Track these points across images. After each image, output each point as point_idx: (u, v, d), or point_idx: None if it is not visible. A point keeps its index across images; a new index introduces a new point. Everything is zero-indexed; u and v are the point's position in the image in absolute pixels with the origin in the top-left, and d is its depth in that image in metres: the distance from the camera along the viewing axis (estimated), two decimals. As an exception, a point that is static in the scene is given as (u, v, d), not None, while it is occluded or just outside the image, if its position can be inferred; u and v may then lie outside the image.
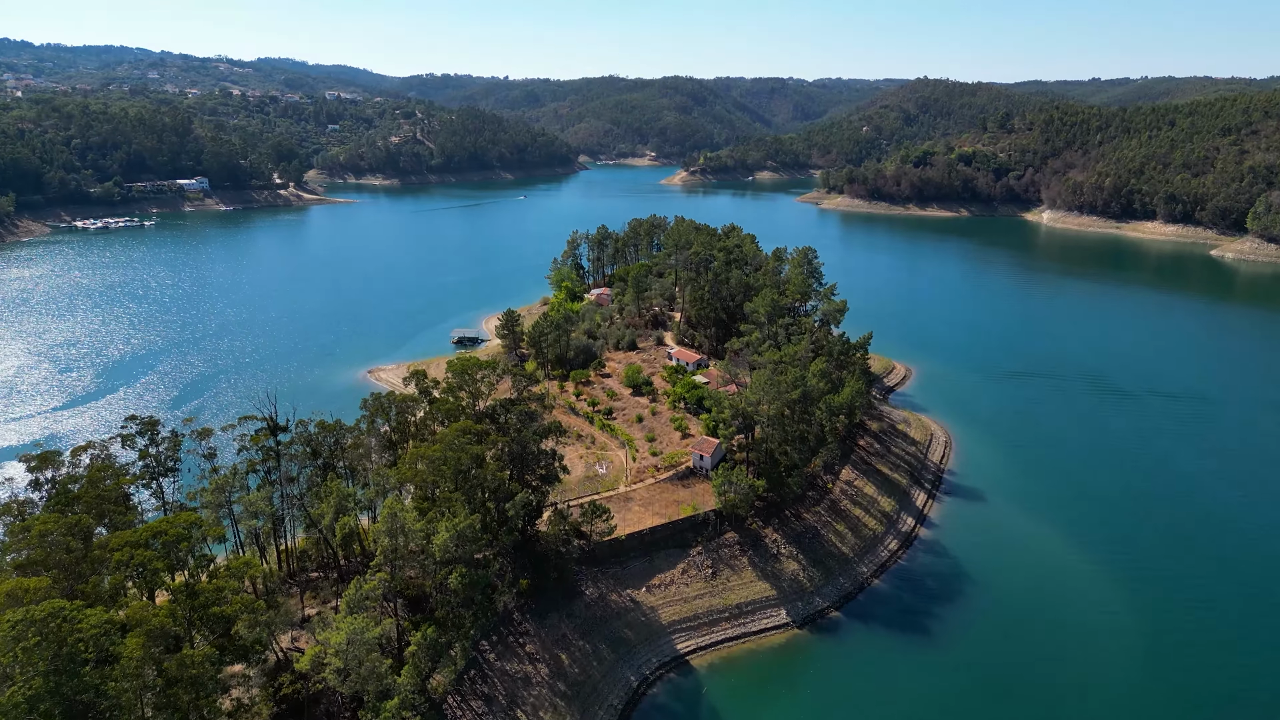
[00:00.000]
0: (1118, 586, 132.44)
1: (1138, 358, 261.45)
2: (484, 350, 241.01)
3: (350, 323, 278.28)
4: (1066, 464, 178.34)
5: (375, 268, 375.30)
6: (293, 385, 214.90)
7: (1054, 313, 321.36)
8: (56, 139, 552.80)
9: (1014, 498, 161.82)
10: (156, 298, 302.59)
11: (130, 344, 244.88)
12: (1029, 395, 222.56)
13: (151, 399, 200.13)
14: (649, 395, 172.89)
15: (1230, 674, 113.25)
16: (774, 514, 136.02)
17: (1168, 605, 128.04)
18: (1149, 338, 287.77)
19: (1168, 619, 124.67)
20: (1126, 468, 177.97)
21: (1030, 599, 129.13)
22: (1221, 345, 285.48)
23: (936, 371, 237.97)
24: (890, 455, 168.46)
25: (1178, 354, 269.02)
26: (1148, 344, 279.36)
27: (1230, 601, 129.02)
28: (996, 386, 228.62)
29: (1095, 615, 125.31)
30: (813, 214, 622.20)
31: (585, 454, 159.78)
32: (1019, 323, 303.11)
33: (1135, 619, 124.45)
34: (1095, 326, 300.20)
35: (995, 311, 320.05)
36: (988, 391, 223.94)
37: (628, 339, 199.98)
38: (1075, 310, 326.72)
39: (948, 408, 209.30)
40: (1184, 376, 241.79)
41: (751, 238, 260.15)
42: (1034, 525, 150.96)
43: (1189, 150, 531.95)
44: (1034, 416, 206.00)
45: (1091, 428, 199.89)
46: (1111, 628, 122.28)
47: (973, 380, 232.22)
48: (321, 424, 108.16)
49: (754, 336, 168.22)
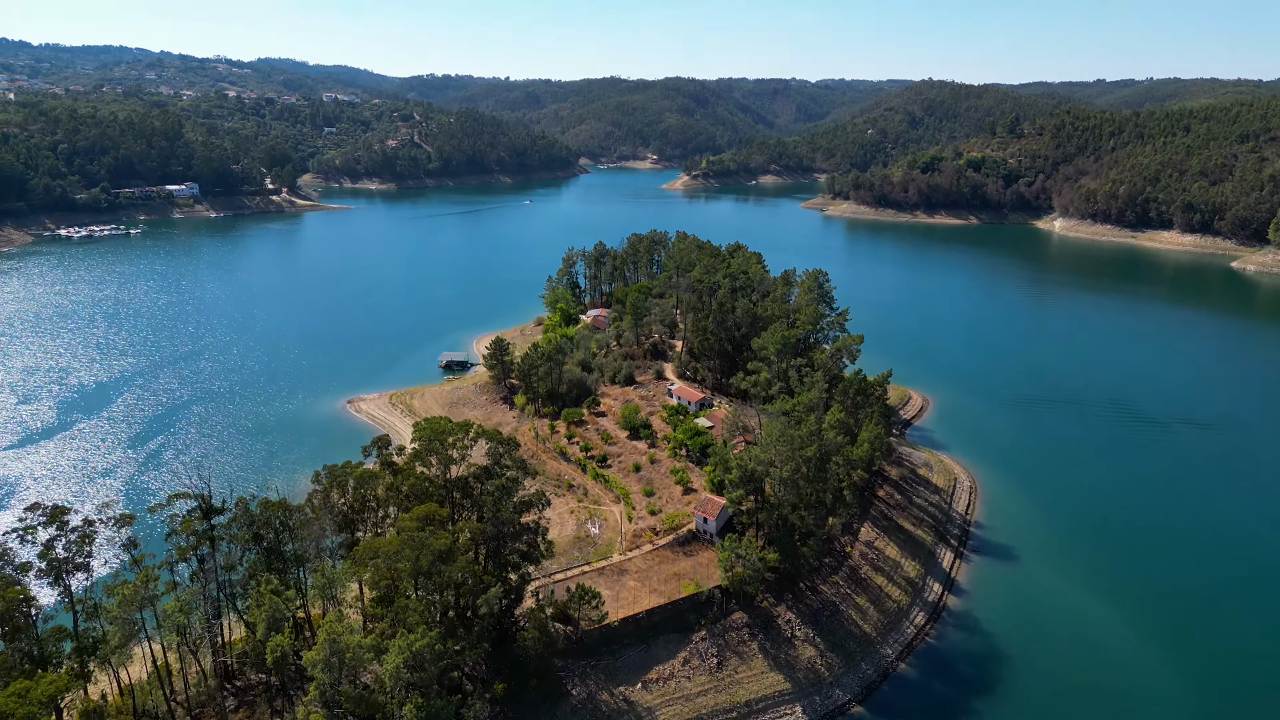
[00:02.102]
0: (1169, 656, 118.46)
1: (1163, 381, 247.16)
2: (472, 377, 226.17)
3: (334, 344, 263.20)
4: (1099, 509, 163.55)
5: (364, 281, 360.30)
6: (268, 418, 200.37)
7: (1072, 330, 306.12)
8: (43, 144, 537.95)
9: (1046, 553, 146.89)
10: (132, 316, 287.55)
11: (97, 370, 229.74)
12: (1051, 426, 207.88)
13: (109, 438, 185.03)
14: (647, 439, 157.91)
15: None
16: (787, 588, 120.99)
17: (1226, 675, 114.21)
18: (1174, 358, 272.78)
19: (1228, 693, 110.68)
20: (1166, 511, 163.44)
21: (1073, 677, 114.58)
22: (1250, 367, 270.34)
23: (954, 401, 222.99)
24: (912, 507, 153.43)
25: (1205, 377, 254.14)
26: (1173, 365, 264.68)
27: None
28: (1017, 417, 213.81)
29: (1145, 691, 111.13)
30: (818, 221, 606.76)
31: (577, 508, 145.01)
32: (1036, 342, 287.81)
33: (1194, 696, 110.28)
34: (1116, 345, 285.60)
35: (1011, 330, 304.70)
36: (1009, 423, 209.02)
37: (625, 372, 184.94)
38: (1094, 327, 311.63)
39: (969, 444, 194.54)
40: (1215, 403, 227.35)
41: (757, 257, 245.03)
42: (1070, 586, 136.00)
43: (1206, 157, 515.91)
44: (1059, 452, 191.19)
45: (1122, 464, 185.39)
46: (1166, 708, 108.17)
47: (993, 411, 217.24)
48: (265, 503, 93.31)
49: (762, 376, 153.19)
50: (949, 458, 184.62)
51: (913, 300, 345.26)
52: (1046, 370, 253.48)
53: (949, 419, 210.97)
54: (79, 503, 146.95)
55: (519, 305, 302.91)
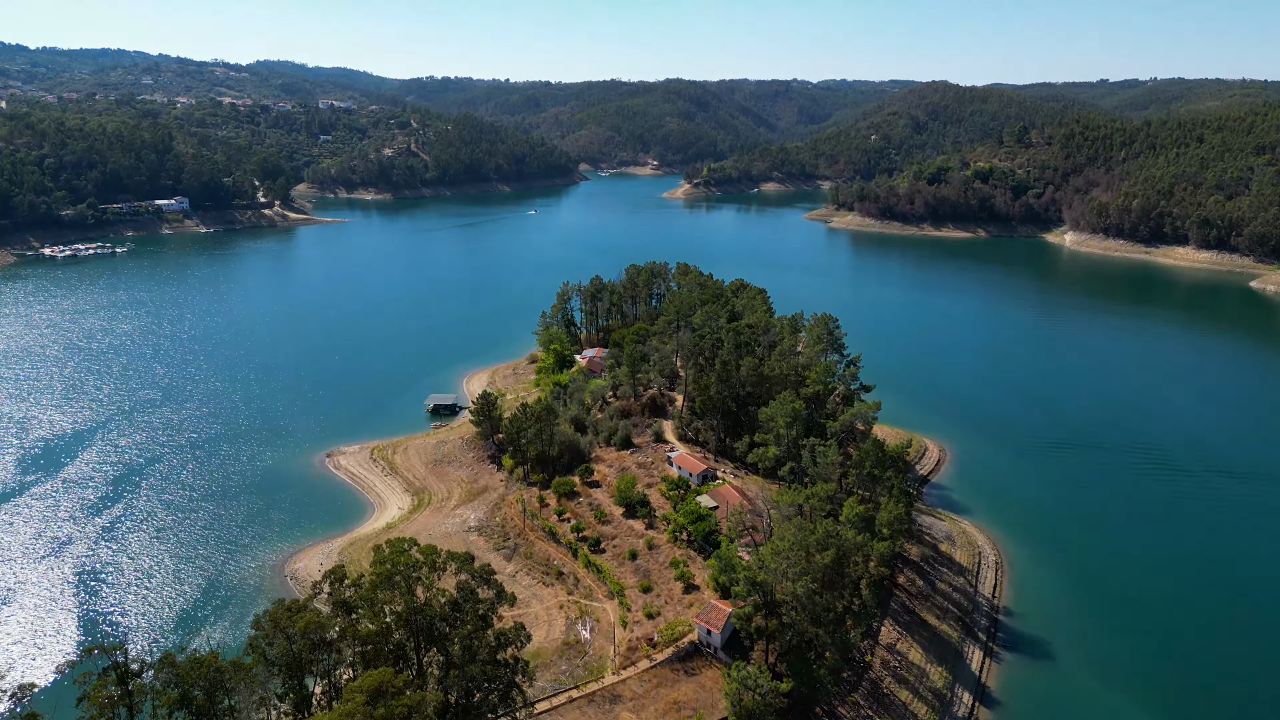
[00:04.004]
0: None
1: (1187, 419, 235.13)
2: (459, 427, 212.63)
3: (318, 381, 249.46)
4: (1135, 585, 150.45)
5: (352, 308, 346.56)
6: (238, 478, 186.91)
7: (1089, 360, 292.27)
8: (28, 158, 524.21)
9: (1083, 645, 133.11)
10: (105, 353, 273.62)
11: (61, 420, 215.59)
12: (1074, 477, 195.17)
13: (61, 508, 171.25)
14: (645, 518, 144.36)
15: None
16: (803, 714, 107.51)
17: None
18: (1195, 393, 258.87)
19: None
20: (1211, 586, 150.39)
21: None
22: (1276, 400, 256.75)
23: (972, 450, 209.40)
24: (935, 595, 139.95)
25: (1231, 413, 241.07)
26: (1194, 401, 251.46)
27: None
28: (1038, 466, 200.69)
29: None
30: (821, 234, 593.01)
31: (566, 603, 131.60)
32: (1052, 374, 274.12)
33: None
34: (1135, 376, 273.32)
35: (1026, 361, 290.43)
36: (1030, 475, 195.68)
37: (621, 434, 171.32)
38: (1111, 356, 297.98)
39: (990, 504, 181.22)
40: (1245, 447, 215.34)
41: (763, 296, 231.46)
42: (1111, 692, 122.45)
43: (1221, 170, 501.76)
44: (1085, 513, 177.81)
45: (1153, 526, 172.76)
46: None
47: (1013, 461, 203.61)
48: (194, 659, 79.89)
49: (770, 453, 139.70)
50: (971, 525, 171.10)
51: (922, 327, 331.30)
52: (1064, 408, 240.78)
53: (968, 473, 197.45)
54: (8, 618, 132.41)
55: (514, 335, 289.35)
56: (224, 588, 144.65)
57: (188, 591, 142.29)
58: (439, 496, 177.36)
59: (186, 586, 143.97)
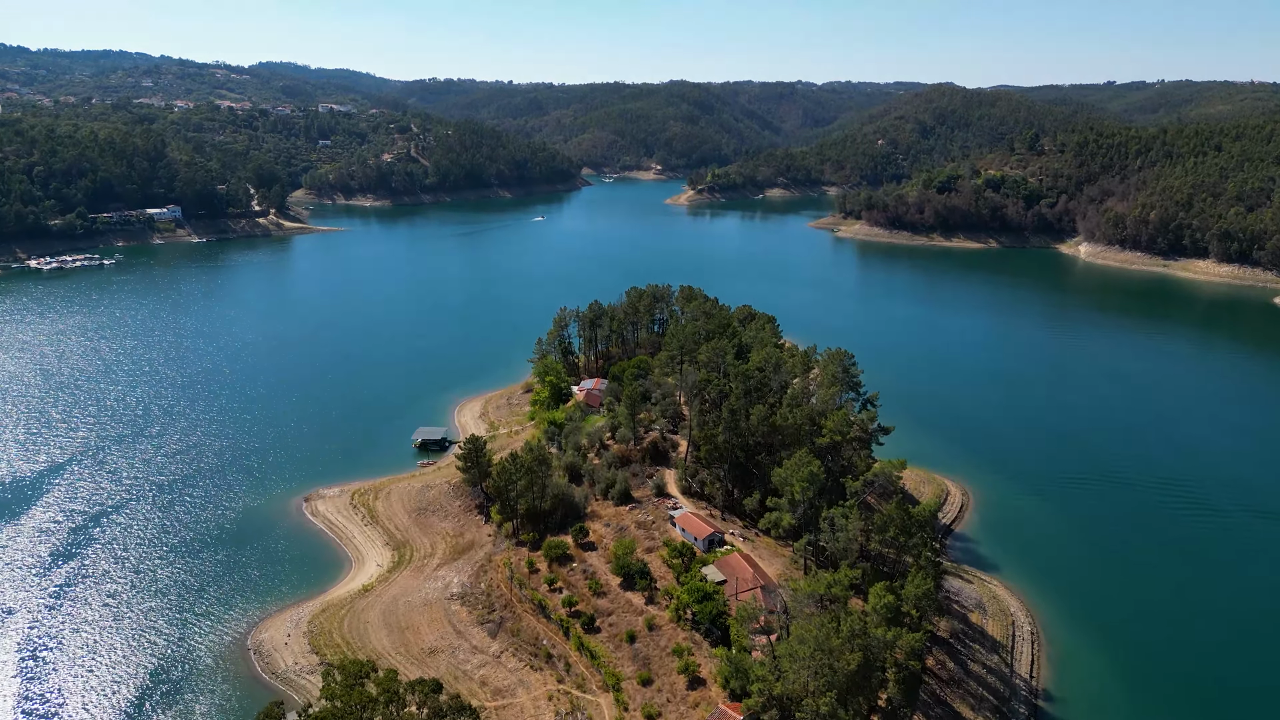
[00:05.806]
0: None
1: (1214, 450, 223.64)
2: (446, 466, 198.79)
3: (301, 414, 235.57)
4: (1178, 652, 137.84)
5: (342, 329, 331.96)
6: (208, 528, 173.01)
7: (1109, 384, 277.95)
8: (16, 167, 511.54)
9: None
10: (79, 380, 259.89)
11: (23, 460, 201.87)
12: (1103, 519, 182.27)
13: (14, 565, 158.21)
14: (645, 591, 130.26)
15: None
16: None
17: None
18: (1221, 421, 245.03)
19: None
20: (1266, 654, 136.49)
21: None
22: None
23: (995, 492, 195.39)
24: (969, 680, 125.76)
25: (1260, 445, 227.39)
26: (1221, 428, 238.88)
27: None
28: (1065, 509, 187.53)
29: None
30: (828, 244, 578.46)
31: (556, 693, 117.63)
32: (1072, 400, 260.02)
33: None
34: (1158, 401, 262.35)
35: (1044, 385, 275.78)
36: (1057, 520, 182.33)
37: (620, 486, 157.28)
38: (1132, 379, 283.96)
39: (1018, 559, 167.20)
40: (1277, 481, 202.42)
41: (772, 325, 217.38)
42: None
43: (1241, 180, 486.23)
44: (1121, 561, 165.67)
45: (1192, 579, 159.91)
46: None
47: (1038, 505, 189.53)
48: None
49: (785, 521, 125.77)
50: (1001, 586, 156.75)
51: (934, 349, 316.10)
52: (1088, 439, 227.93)
53: (992, 521, 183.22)
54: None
55: (509, 358, 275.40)
56: (180, 664, 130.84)
57: (138, 672, 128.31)
58: (421, 552, 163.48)
59: (137, 665, 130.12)
